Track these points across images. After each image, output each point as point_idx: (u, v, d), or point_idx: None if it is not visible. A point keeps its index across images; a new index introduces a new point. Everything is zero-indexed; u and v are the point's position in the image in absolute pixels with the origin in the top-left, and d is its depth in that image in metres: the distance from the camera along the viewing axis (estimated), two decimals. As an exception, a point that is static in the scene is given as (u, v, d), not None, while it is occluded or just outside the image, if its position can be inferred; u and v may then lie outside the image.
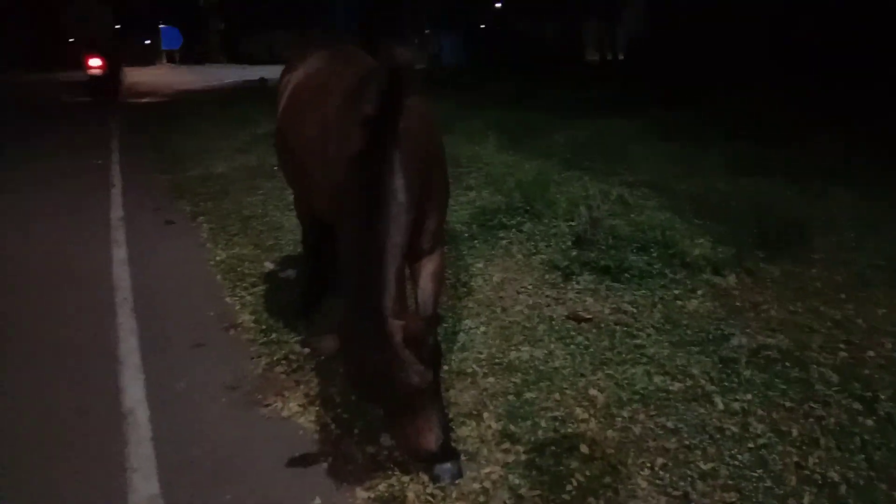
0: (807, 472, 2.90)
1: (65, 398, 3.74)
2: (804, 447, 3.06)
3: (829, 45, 14.47)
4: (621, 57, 29.05)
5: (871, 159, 8.43)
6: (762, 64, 15.29)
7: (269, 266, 5.70)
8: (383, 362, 2.43)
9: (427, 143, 2.83)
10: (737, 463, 2.97)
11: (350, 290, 2.55)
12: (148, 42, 49.35)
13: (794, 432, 3.16)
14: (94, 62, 19.51)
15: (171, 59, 46.93)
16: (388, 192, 2.51)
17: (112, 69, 20.01)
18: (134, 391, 3.81)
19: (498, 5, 35.62)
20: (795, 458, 2.98)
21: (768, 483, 2.84)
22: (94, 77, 19.71)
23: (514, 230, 6.07)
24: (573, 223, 5.88)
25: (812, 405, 3.37)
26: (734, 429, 3.21)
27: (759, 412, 3.32)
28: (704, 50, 17.01)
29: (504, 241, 5.89)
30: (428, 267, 3.03)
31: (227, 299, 5.08)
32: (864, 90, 12.34)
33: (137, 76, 32.98)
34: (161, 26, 46.68)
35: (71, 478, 3.07)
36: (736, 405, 3.38)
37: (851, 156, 8.64)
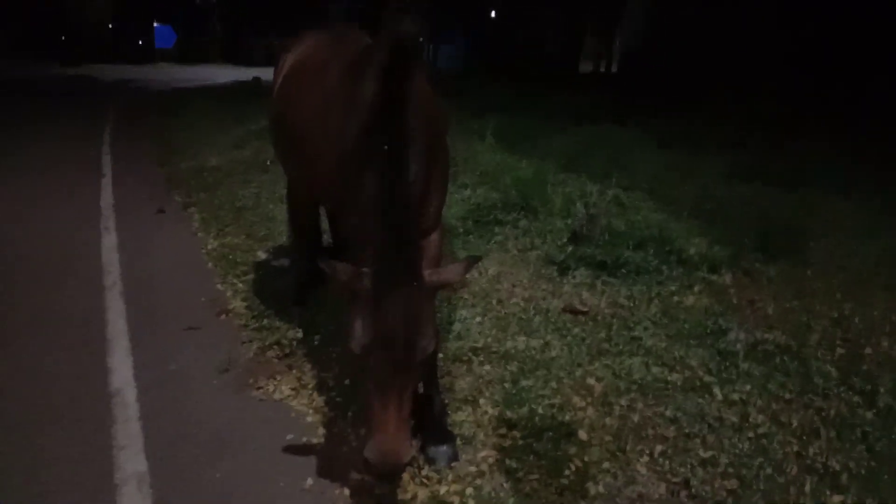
0: (808, 461, 2.87)
1: (52, 378, 3.65)
2: (804, 437, 3.03)
3: (826, 59, 14.59)
4: (615, 69, 29.25)
5: (867, 172, 8.47)
6: (758, 74, 15.39)
7: (260, 255, 5.63)
8: (410, 323, 2.25)
9: (430, 118, 2.77)
10: (737, 451, 2.94)
11: (378, 248, 2.31)
12: (141, 42, 49.19)
13: (794, 423, 3.13)
14: None
15: (164, 59, 46.65)
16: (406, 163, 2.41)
17: None
18: (122, 372, 3.73)
19: (493, 14, 35.78)
20: (796, 448, 2.95)
21: (769, 471, 2.80)
22: None
23: (509, 226, 6.02)
24: (569, 220, 5.84)
25: (812, 397, 3.34)
26: (733, 419, 3.17)
27: (759, 403, 3.29)
28: (701, 60, 17.09)
29: (499, 237, 5.85)
30: (427, 250, 2.97)
31: (219, 286, 5.00)
32: (858, 113, 12.46)
33: (132, 74, 32.85)
34: (155, 25, 46.51)
35: (57, 455, 2.99)
36: (735, 396, 3.35)
37: (847, 167, 8.67)
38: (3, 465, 2.92)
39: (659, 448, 2.97)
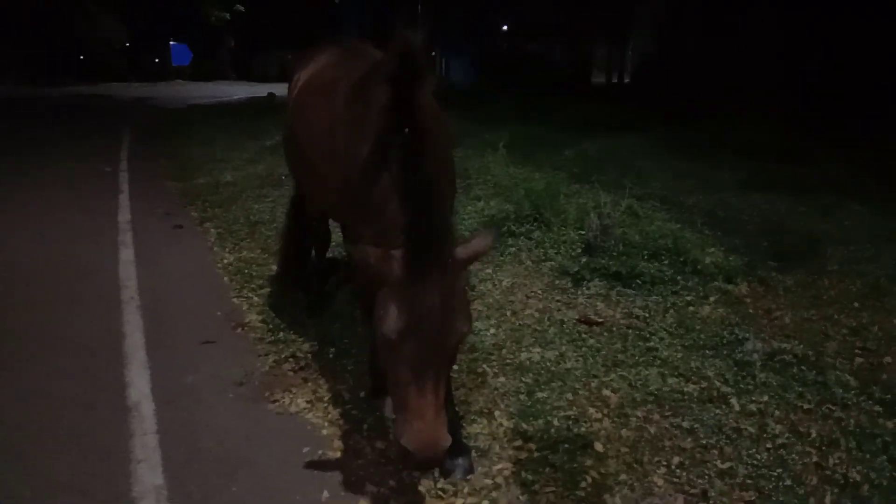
0: (827, 472, 2.84)
1: (70, 392, 3.68)
2: (824, 448, 3.00)
3: (837, 69, 14.54)
4: (627, 80, 29.24)
5: (879, 179, 8.42)
6: (768, 85, 15.36)
7: (275, 269, 5.65)
8: (445, 302, 2.22)
9: (437, 125, 2.79)
10: (755, 462, 2.91)
11: (405, 232, 2.31)
12: (157, 60, 49.90)
13: (813, 433, 3.10)
14: None
15: (180, 76, 47.25)
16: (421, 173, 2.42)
17: None
18: (139, 386, 3.76)
19: (505, 28, 35.96)
20: (815, 459, 2.92)
21: (788, 482, 2.77)
22: None
23: (523, 238, 6.02)
24: (583, 231, 5.83)
25: (830, 407, 3.31)
26: (751, 429, 3.15)
27: (777, 413, 3.27)
28: (712, 71, 17.09)
29: (513, 248, 5.85)
30: None
31: (235, 300, 5.04)
32: (871, 117, 12.37)
33: (149, 91, 33.29)
34: (171, 43, 47.06)
35: (76, 468, 3.01)
36: (752, 406, 3.32)
37: (860, 176, 8.63)
38: (20, 475, 2.95)
39: (676, 460, 2.95)
